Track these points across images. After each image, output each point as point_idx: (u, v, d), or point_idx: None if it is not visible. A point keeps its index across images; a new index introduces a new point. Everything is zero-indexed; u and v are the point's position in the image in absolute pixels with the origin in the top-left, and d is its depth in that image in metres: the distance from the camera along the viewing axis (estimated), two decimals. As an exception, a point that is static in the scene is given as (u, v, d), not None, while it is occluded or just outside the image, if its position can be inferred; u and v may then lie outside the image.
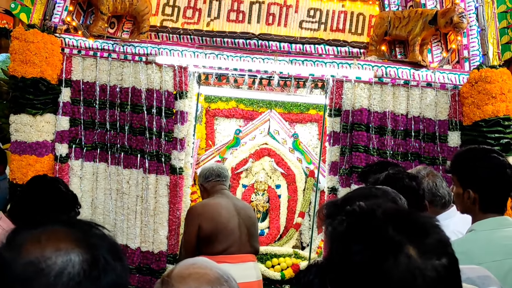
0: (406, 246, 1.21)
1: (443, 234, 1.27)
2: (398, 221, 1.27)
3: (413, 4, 4.97)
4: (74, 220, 1.20)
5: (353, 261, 1.24)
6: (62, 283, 1.05)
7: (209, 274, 1.67)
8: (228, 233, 4.57)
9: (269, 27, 5.18)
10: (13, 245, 1.10)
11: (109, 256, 1.12)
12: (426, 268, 1.20)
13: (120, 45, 4.93)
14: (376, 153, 4.83)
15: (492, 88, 4.59)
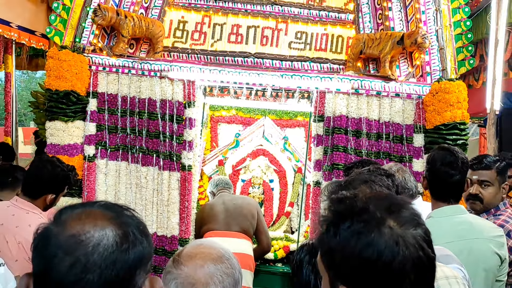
0: (387, 219, 1.24)
1: (415, 209, 1.30)
2: (377, 201, 1.30)
3: (383, 27, 5.00)
4: (110, 203, 1.22)
5: (341, 240, 1.26)
6: (98, 252, 1.09)
7: (212, 253, 1.70)
8: (212, 217, 4.75)
9: (263, 47, 5.21)
10: (59, 221, 1.14)
11: (137, 232, 1.16)
12: (406, 235, 1.22)
13: (138, 62, 4.95)
14: (353, 153, 4.86)
15: (450, 98, 4.63)
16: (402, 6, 4.96)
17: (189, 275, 1.64)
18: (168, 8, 5.25)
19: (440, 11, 4.84)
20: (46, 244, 1.11)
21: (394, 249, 1.20)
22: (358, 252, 1.22)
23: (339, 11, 5.23)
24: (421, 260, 1.22)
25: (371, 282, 1.23)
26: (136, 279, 1.14)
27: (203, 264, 1.66)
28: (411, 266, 1.21)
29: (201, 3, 5.27)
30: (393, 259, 1.20)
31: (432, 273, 1.28)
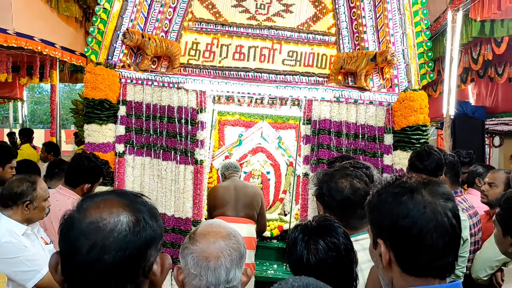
0: (421, 189, 1.24)
1: (448, 190, 1.29)
2: (418, 178, 1.30)
3: (360, 47, 4.99)
4: (125, 191, 1.20)
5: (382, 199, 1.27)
6: (113, 236, 1.07)
7: (222, 232, 1.68)
8: (224, 203, 4.73)
9: (261, 63, 5.19)
10: (80, 209, 1.12)
11: (148, 217, 1.13)
12: (434, 203, 1.22)
13: (159, 76, 4.93)
14: (335, 150, 4.85)
15: (414, 105, 4.62)
16: (375, 30, 4.95)
17: (203, 250, 1.63)
18: (184, 32, 5.23)
19: (406, 34, 4.83)
20: (69, 229, 1.10)
21: (421, 210, 1.20)
22: (392, 210, 1.23)
23: (323, 34, 5.21)
24: (444, 225, 1.21)
25: (401, 236, 1.22)
26: (148, 257, 1.12)
27: (215, 240, 1.64)
28: (434, 228, 1.20)
29: (210, 28, 5.24)
30: (418, 219, 1.20)
31: (454, 239, 1.25)
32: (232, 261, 1.65)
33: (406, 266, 1.23)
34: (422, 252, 1.20)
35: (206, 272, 1.61)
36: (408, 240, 1.20)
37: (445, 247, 1.22)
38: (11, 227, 2.79)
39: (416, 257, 1.21)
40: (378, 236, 1.26)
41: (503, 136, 9.85)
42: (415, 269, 1.22)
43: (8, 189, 2.83)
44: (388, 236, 1.24)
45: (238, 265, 1.66)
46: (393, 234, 1.23)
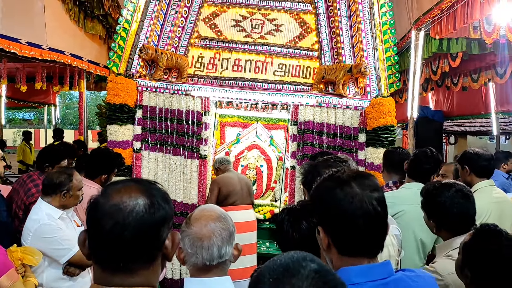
0: (351, 182, 1.22)
1: (376, 181, 1.27)
2: (351, 172, 1.28)
3: (338, 61, 4.98)
4: (142, 179, 1.20)
5: (319, 192, 1.27)
6: (132, 216, 1.06)
7: (212, 215, 1.66)
8: (235, 192, 4.68)
9: (256, 74, 5.18)
10: (104, 194, 1.12)
11: (161, 200, 1.12)
12: (362, 195, 1.20)
13: (170, 84, 4.91)
14: (318, 146, 4.84)
15: (383, 109, 4.62)
16: (351, 46, 4.94)
17: (197, 232, 1.61)
18: (191, 48, 5.21)
19: (376, 50, 4.82)
20: (95, 211, 1.10)
21: (350, 201, 1.19)
22: (326, 201, 1.22)
23: (308, 49, 5.20)
24: (370, 212, 1.19)
25: (334, 223, 1.22)
26: (161, 233, 1.12)
27: (206, 223, 1.62)
28: (362, 215, 1.19)
29: (213, 44, 5.22)
30: (348, 208, 1.19)
31: (379, 224, 1.23)
32: (223, 239, 1.63)
33: (341, 249, 1.22)
34: (353, 236, 1.20)
35: (201, 250, 1.60)
36: (341, 227, 1.20)
37: (372, 231, 1.21)
38: (49, 212, 2.80)
39: (349, 241, 1.21)
40: (319, 224, 1.26)
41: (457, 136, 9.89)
42: (348, 250, 1.21)
43: (48, 180, 2.85)
44: (325, 223, 1.23)
45: (228, 242, 1.65)
46: (329, 222, 1.22)
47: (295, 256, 0.86)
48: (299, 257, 0.86)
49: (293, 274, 0.82)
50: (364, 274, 1.20)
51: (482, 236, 1.74)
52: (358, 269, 1.20)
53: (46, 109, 12.53)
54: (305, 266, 0.84)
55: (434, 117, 7.93)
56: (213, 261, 1.62)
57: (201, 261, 1.62)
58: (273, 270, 0.84)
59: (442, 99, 8.16)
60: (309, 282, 0.81)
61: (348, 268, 1.20)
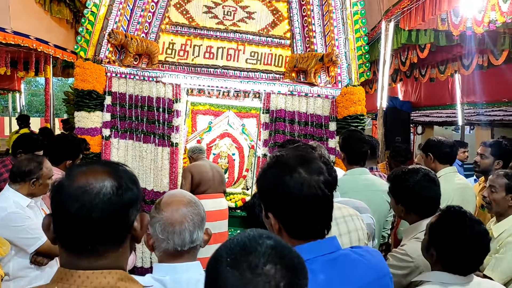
0: (298, 168, 1.22)
1: (321, 164, 1.27)
2: (294, 156, 1.27)
3: (310, 50, 5.01)
4: (108, 161, 1.16)
5: (268, 180, 1.26)
6: (99, 198, 1.03)
7: (183, 200, 1.62)
8: (207, 181, 4.65)
9: (228, 62, 5.16)
10: (69, 176, 1.08)
11: (128, 182, 1.09)
12: (311, 179, 1.21)
13: (141, 71, 4.83)
14: (289, 135, 4.88)
15: (354, 98, 4.70)
16: (323, 35, 4.98)
17: (168, 217, 1.58)
18: (161, 34, 5.11)
19: (347, 39, 4.88)
20: (59, 193, 1.06)
21: (300, 187, 1.19)
22: (276, 189, 1.22)
23: (280, 38, 5.21)
24: (318, 196, 1.21)
25: (285, 209, 1.22)
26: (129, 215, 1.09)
27: (177, 208, 1.59)
28: (312, 200, 1.20)
29: (184, 31, 5.15)
30: (298, 194, 1.19)
31: (327, 206, 1.26)
32: (195, 224, 1.61)
33: (292, 233, 1.24)
34: (304, 220, 1.22)
35: (173, 236, 1.57)
36: (292, 212, 1.21)
37: (321, 213, 1.24)
38: (17, 200, 2.71)
39: (300, 225, 1.23)
40: (268, 210, 1.26)
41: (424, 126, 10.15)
42: (299, 233, 1.24)
43: (17, 167, 2.75)
44: (275, 210, 1.24)
45: (199, 227, 1.63)
46: (279, 208, 1.23)
47: (251, 234, 0.87)
48: (256, 235, 0.87)
49: (250, 252, 0.83)
50: (313, 250, 1.23)
51: (448, 217, 1.80)
52: (307, 246, 1.23)
53: (11, 96, 12.10)
54: (261, 243, 0.84)
55: (403, 107, 8.09)
56: (184, 247, 1.60)
57: (173, 247, 1.59)
58: (230, 250, 0.85)
59: (410, 90, 8.34)
60: (266, 258, 0.82)
61: (298, 247, 1.22)
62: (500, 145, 3.89)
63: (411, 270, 1.98)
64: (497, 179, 2.59)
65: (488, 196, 2.61)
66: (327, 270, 1.22)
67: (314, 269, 1.20)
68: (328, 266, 1.23)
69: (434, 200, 2.16)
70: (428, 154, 3.18)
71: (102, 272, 1.05)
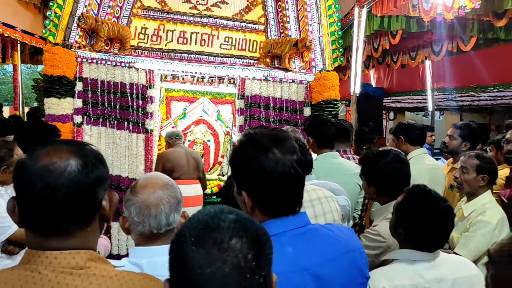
0: (272, 148, 1.23)
1: (294, 143, 1.28)
2: (268, 135, 1.27)
3: (284, 35, 5.00)
4: (73, 141, 1.13)
5: (242, 159, 1.26)
6: (64, 177, 1.01)
7: (159, 183, 1.61)
8: (180, 167, 4.61)
9: (202, 47, 5.10)
10: (32, 156, 1.05)
11: (94, 160, 1.07)
12: (284, 159, 1.22)
13: (112, 56, 4.71)
14: (264, 120, 4.89)
15: (327, 83, 4.73)
16: (296, 20, 4.98)
17: (144, 200, 1.57)
18: (133, 18, 5.00)
19: (321, 24, 4.89)
20: (23, 173, 1.03)
21: (274, 167, 1.20)
22: (250, 168, 1.23)
23: (254, 23, 5.18)
24: (291, 175, 1.22)
25: (258, 187, 1.24)
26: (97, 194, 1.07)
27: (153, 191, 1.58)
28: (285, 179, 1.22)
29: (157, 15, 5.04)
30: (272, 174, 1.20)
31: (299, 184, 1.28)
32: (171, 207, 1.60)
33: (264, 210, 1.26)
34: (277, 199, 1.24)
35: (148, 219, 1.56)
36: (266, 191, 1.23)
37: (294, 192, 1.26)
38: None
39: (273, 203, 1.25)
40: (241, 188, 1.27)
41: (396, 112, 10.33)
42: (271, 211, 1.26)
43: None
44: (249, 188, 1.25)
45: (176, 209, 1.62)
46: (252, 186, 1.25)
47: (212, 211, 0.87)
48: (217, 211, 0.86)
49: (214, 229, 0.82)
50: (283, 225, 1.26)
51: (413, 196, 1.84)
52: (278, 221, 1.26)
53: (-24, 84, 11.66)
54: (224, 218, 0.84)
55: (375, 93, 8.19)
56: (160, 229, 1.59)
57: (148, 230, 1.58)
58: (193, 229, 0.83)
59: (382, 76, 8.45)
60: (231, 232, 0.82)
61: (268, 222, 1.26)
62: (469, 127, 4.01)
63: (384, 249, 2.02)
64: (468, 160, 2.66)
65: (459, 176, 2.68)
66: (295, 243, 1.25)
67: (283, 242, 1.23)
68: (296, 239, 1.25)
69: (405, 180, 2.20)
70: (399, 137, 3.25)
71: (70, 253, 1.03)
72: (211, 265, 0.79)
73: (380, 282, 1.69)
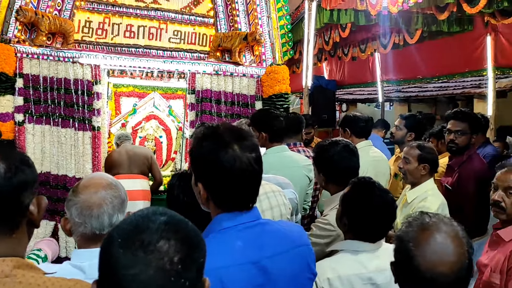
0: (233, 144, 1.25)
1: (254, 141, 1.32)
2: (230, 131, 1.30)
3: (234, 28, 5.00)
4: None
5: (203, 152, 1.27)
6: None
7: (102, 183, 1.60)
8: (118, 164, 4.62)
9: (150, 41, 5.00)
10: None
11: (19, 164, 1.04)
12: (243, 156, 1.25)
13: (55, 51, 4.52)
14: (216, 115, 4.86)
15: (278, 77, 4.77)
16: (246, 14, 4.98)
17: (86, 200, 1.54)
18: (76, 11, 4.81)
19: (270, 18, 4.93)
20: None
21: (232, 163, 1.23)
22: (209, 161, 1.25)
23: (203, 16, 5.13)
24: (249, 172, 1.26)
25: (215, 181, 1.26)
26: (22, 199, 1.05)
27: (96, 191, 1.56)
28: (242, 176, 1.25)
29: (102, 8, 4.89)
30: (230, 170, 1.23)
31: (256, 181, 1.31)
32: (114, 207, 1.58)
33: (219, 203, 1.30)
34: (232, 194, 1.27)
35: (90, 219, 1.54)
36: (223, 185, 1.26)
37: (250, 188, 1.30)
38: None
39: (227, 198, 1.28)
40: (198, 179, 1.30)
41: (349, 103, 10.60)
42: (225, 205, 1.30)
43: None
44: (206, 181, 1.28)
45: (120, 210, 1.61)
46: (209, 179, 1.27)
47: (145, 212, 0.86)
48: (149, 213, 0.85)
49: (143, 230, 0.82)
50: (234, 219, 1.29)
51: (358, 187, 1.92)
52: (230, 215, 1.29)
53: None
54: (154, 220, 0.83)
55: (328, 86, 8.36)
56: (103, 230, 1.57)
57: (90, 230, 1.56)
58: (122, 230, 0.83)
59: (335, 69, 8.64)
60: (159, 234, 0.81)
61: (221, 215, 1.30)
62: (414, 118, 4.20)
63: (333, 238, 2.09)
64: (410, 151, 2.79)
65: (403, 166, 2.81)
66: (244, 237, 1.28)
67: (233, 236, 1.27)
68: (246, 233, 1.29)
69: (352, 170, 2.29)
70: (346, 129, 3.35)
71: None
72: (135, 267, 0.78)
73: (325, 272, 1.75)
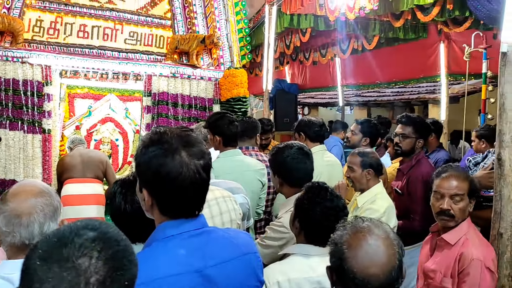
0: (180, 151, 1.21)
1: (203, 147, 1.28)
2: (178, 136, 1.25)
3: (191, 31, 4.97)
4: None
5: (149, 157, 1.22)
6: None
7: (34, 190, 1.53)
8: (70, 168, 4.46)
9: (105, 42, 4.89)
10: None
11: None
12: (190, 163, 1.21)
13: (3, 50, 4.35)
14: (173, 118, 4.81)
15: (236, 80, 4.77)
16: (204, 16, 4.97)
17: (14, 208, 1.48)
18: (26, 9, 4.65)
19: (228, 21, 4.93)
20: None
21: (179, 170, 1.19)
22: (155, 168, 1.20)
23: (160, 18, 5.07)
24: (197, 180, 1.22)
25: (160, 188, 1.22)
26: None
27: (26, 199, 1.49)
28: (189, 183, 1.21)
29: (54, 7, 4.74)
30: (177, 177, 1.19)
31: (203, 189, 1.28)
32: (45, 215, 1.53)
33: (164, 210, 1.26)
34: (178, 202, 1.24)
35: (19, 228, 1.48)
36: (168, 192, 1.23)
37: (197, 196, 1.27)
38: None
39: (173, 205, 1.25)
40: (143, 186, 1.26)
41: (310, 107, 10.74)
42: (171, 212, 1.26)
43: None
44: (152, 188, 1.24)
45: (52, 218, 1.55)
46: (154, 186, 1.23)
47: (75, 225, 0.82)
48: (79, 226, 0.82)
49: (66, 244, 0.78)
50: (179, 227, 1.25)
51: (310, 191, 1.94)
52: (175, 223, 1.25)
53: None
54: (81, 234, 0.80)
55: (290, 89, 8.44)
56: (33, 240, 1.50)
57: (19, 240, 1.50)
58: (46, 241, 0.80)
59: (296, 73, 8.74)
60: (82, 251, 0.78)
61: (165, 223, 1.26)
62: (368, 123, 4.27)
63: (287, 240, 2.11)
64: (352, 159, 2.84)
65: (349, 175, 2.86)
66: (188, 245, 1.24)
67: (176, 244, 1.23)
68: (190, 242, 1.25)
69: (307, 172, 2.32)
70: (300, 134, 3.37)
71: None
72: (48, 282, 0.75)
73: (275, 276, 1.75)
